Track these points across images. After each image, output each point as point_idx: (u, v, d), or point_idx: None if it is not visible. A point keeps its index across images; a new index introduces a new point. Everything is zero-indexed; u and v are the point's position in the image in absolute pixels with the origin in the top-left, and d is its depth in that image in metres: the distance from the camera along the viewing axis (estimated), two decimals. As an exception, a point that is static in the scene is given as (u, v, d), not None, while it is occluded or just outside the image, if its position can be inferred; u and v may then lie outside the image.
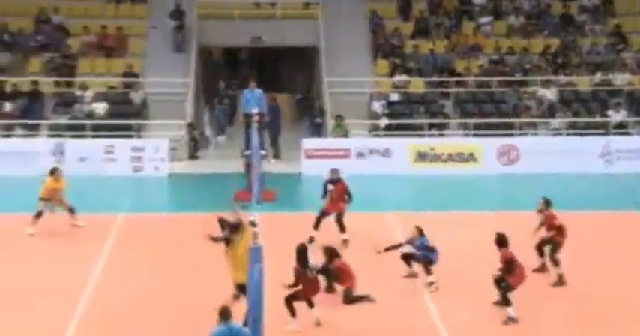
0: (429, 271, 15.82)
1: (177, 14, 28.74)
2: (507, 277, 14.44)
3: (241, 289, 13.33)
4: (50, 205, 18.57)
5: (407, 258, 16.19)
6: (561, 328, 14.37)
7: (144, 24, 29.86)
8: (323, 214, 18.23)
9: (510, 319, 14.29)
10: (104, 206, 20.78)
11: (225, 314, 11.40)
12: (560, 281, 15.98)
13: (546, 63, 28.91)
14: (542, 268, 16.43)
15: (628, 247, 18.31)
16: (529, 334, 14.15)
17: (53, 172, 19.01)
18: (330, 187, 18.26)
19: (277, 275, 14.39)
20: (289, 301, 14.12)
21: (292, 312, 14.06)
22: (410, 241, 16.13)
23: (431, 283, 15.71)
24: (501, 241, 14.62)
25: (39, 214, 18.51)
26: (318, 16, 29.40)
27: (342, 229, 18.19)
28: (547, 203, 16.52)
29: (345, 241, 17.96)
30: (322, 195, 18.28)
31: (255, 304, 12.21)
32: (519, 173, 24.53)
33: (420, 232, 16.13)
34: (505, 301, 14.40)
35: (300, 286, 14.25)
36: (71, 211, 18.73)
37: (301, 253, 14.42)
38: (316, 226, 18.07)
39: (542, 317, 14.69)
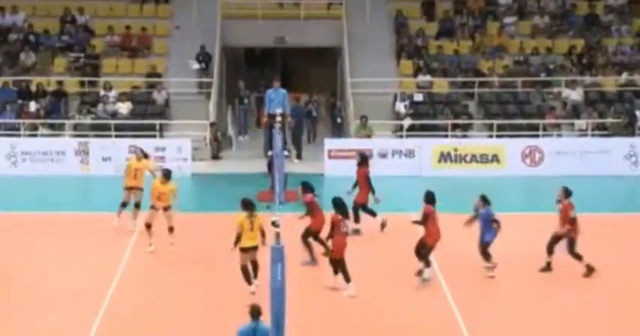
0: (485, 256, 15.80)
1: (203, 56, 28.08)
2: (424, 236, 15.61)
3: None
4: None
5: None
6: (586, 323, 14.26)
7: (168, 24, 29.94)
8: (354, 207, 18.28)
9: (424, 281, 15.34)
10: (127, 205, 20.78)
11: (255, 313, 11.38)
12: (590, 270, 15.98)
13: (571, 63, 28.70)
14: (547, 268, 16.32)
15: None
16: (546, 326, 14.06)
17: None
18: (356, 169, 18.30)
19: (299, 275, 14.41)
20: (342, 263, 15.06)
21: (347, 278, 15.07)
22: (475, 209, 16.12)
23: (489, 268, 15.87)
24: (429, 197, 16.03)
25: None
26: (341, 16, 29.36)
27: (357, 219, 18.32)
28: (566, 192, 16.21)
29: (357, 231, 18.18)
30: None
31: (278, 304, 12.20)
32: (543, 175, 24.34)
33: (485, 200, 15.93)
34: (426, 263, 15.51)
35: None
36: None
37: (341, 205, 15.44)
38: (356, 219, 18.36)
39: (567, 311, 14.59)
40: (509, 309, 14.93)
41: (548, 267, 16.35)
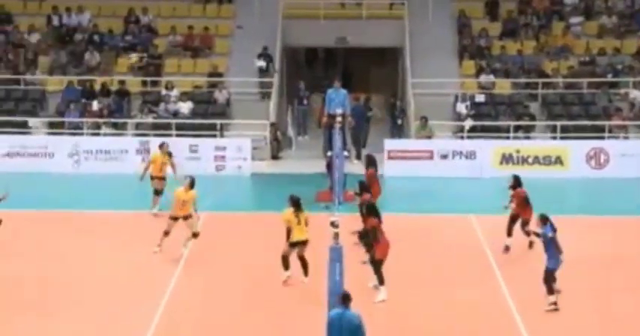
0: (549, 288, 14.39)
1: (264, 57, 27.95)
2: (374, 247, 14.96)
3: None
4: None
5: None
6: None
7: (230, 24, 30.08)
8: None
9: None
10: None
11: (344, 300, 11.34)
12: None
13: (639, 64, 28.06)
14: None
15: None
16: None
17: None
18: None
19: (356, 275, 14.28)
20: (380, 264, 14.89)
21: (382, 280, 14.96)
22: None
23: (551, 303, 14.39)
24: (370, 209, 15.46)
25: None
26: (403, 16, 29.14)
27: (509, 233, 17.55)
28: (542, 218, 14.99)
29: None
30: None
31: (336, 303, 12.08)
32: (608, 177, 23.83)
33: (543, 219, 14.57)
34: (380, 280, 14.88)
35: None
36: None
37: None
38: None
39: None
40: (569, 313, 14.57)
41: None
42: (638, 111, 26.42)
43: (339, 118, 21.87)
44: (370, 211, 15.52)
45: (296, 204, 15.48)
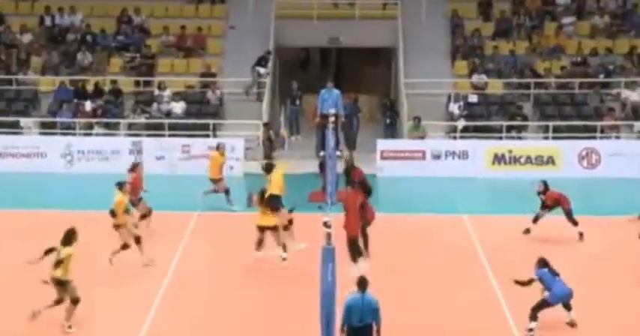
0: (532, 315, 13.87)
1: (265, 62, 27.77)
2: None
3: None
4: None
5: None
6: None
7: (223, 24, 30.07)
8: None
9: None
10: (181, 204, 20.90)
11: (362, 284, 12.10)
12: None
13: (632, 64, 28.13)
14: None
15: None
16: None
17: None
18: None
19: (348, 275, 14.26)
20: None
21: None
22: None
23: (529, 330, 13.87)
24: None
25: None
26: (396, 16, 29.17)
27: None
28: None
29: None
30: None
31: (328, 305, 12.11)
32: (600, 177, 23.89)
33: (540, 263, 14.04)
34: (353, 257, 15.46)
35: None
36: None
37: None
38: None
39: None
40: (559, 311, 14.62)
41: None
42: (629, 111, 26.49)
43: (331, 118, 21.86)
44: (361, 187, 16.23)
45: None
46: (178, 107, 26.85)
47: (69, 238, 13.91)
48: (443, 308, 14.83)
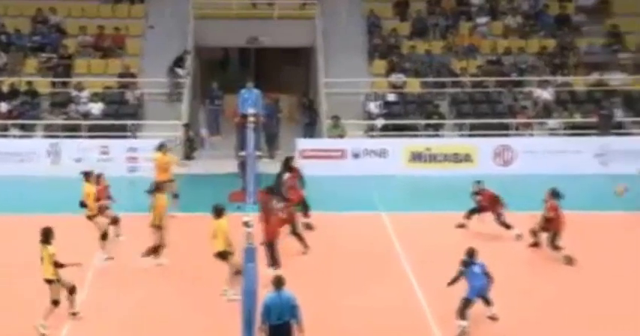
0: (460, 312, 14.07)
1: (181, 63, 27.70)
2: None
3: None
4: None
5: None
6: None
7: (141, 24, 29.86)
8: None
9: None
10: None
11: (278, 283, 12.42)
12: (569, 260, 17.21)
13: (543, 63, 28.90)
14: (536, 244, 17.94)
15: (622, 246, 18.38)
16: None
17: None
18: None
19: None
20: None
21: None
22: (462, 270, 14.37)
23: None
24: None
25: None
26: (315, 16, 29.39)
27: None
28: (553, 194, 17.63)
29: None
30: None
31: (250, 304, 12.24)
32: (515, 174, 24.51)
33: (468, 255, 14.40)
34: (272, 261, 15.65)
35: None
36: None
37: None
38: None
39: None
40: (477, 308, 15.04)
41: (537, 244, 18.01)
42: (541, 109, 27.23)
43: (251, 118, 21.97)
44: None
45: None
46: (96, 108, 26.58)
47: (47, 236, 14.19)
48: (362, 307, 15.04)
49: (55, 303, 14.04)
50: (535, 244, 17.97)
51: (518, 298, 15.47)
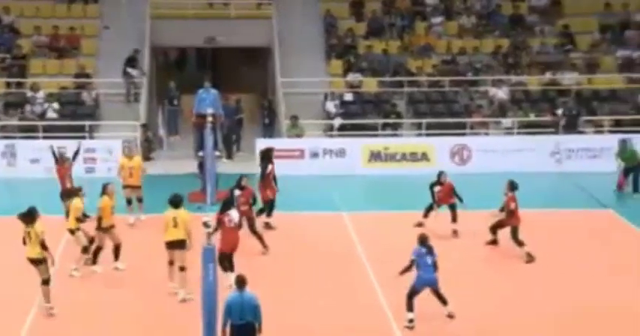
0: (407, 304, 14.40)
1: (135, 62, 27.63)
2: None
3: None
4: None
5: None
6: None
7: (96, 24, 29.65)
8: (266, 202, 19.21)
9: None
10: (57, 208, 20.55)
11: (240, 283, 12.37)
12: (530, 257, 17.38)
13: (497, 63, 29.26)
14: (494, 242, 18.19)
15: (576, 243, 18.73)
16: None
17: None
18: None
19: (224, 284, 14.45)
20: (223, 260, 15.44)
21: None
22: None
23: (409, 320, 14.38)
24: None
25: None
26: (271, 16, 29.44)
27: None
28: (511, 186, 17.90)
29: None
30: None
31: (209, 305, 12.29)
32: (471, 172, 24.75)
33: (419, 240, 14.71)
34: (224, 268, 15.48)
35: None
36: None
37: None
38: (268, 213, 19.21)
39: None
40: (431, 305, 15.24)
41: (494, 242, 18.27)
42: (497, 108, 27.57)
43: (209, 118, 21.96)
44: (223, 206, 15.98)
45: (172, 203, 15.56)
46: (52, 109, 26.35)
47: (32, 216, 14.65)
48: (323, 308, 15.13)
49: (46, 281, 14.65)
50: (493, 242, 18.22)
51: (475, 295, 15.69)
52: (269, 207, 19.41)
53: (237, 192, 18.12)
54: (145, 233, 18.55)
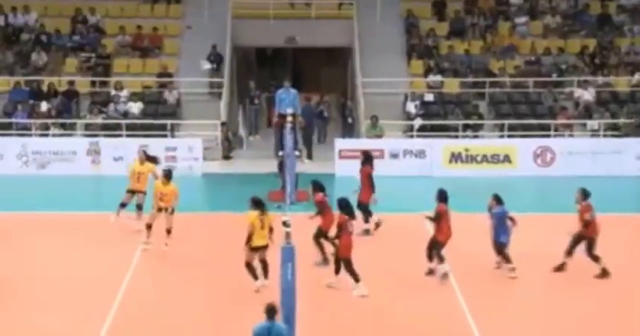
0: (504, 257, 15.91)
1: (214, 57, 27.95)
2: (436, 234, 16.06)
3: None
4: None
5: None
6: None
7: (179, 24, 29.99)
8: (360, 207, 18.61)
9: (444, 276, 15.79)
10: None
11: (270, 312, 11.24)
12: (604, 273, 16.06)
13: (583, 63, 28.62)
14: (562, 268, 16.37)
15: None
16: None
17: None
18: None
19: (308, 274, 14.40)
20: (349, 263, 15.07)
21: (356, 277, 15.15)
22: (489, 209, 16.32)
23: (511, 269, 15.93)
24: (442, 196, 16.40)
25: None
26: (352, 16, 29.34)
27: (366, 219, 18.80)
28: (584, 194, 16.36)
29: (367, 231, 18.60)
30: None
31: (288, 303, 12.21)
32: (555, 175, 24.27)
33: (498, 200, 16.15)
34: (439, 259, 15.71)
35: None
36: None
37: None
38: (365, 219, 18.86)
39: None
40: (520, 309, 14.90)
41: (562, 267, 16.39)
42: (582, 109, 26.95)
43: (289, 118, 21.98)
44: (342, 209, 15.52)
45: (258, 205, 15.28)
46: (135, 107, 26.76)
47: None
48: (401, 309, 14.90)
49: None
50: (561, 267, 16.50)
51: (548, 318, 15.25)
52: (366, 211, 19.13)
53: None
54: (220, 230, 18.59)
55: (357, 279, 15.24)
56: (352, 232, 15.52)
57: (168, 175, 17.25)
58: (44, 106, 26.46)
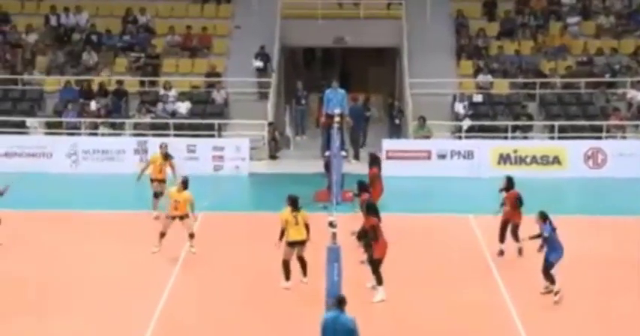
0: (549, 279, 14.97)
1: (262, 56, 27.96)
2: (373, 247, 15.04)
3: None
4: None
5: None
6: None
7: (228, 24, 30.09)
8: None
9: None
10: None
11: (340, 303, 11.35)
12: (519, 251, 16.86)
13: (637, 64, 28.09)
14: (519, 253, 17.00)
15: None
16: None
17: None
18: (504, 194, 17.60)
19: (353, 274, 14.30)
20: (379, 266, 14.98)
21: (380, 280, 15.02)
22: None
23: (555, 293, 14.89)
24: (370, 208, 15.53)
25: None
26: (401, 16, 29.16)
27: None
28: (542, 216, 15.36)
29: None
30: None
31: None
32: (606, 177, 23.86)
33: (544, 218, 15.11)
34: (378, 280, 14.96)
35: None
36: None
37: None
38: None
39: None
40: (567, 312, 14.64)
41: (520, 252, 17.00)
42: (635, 111, 26.46)
43: (337, 118, 21.90)
44: (369, 211, 15.53)
45: (293, 203, 15.41)
46: (183, 107, 26.89)
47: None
48: (449, 308, 14.83)
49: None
50: None
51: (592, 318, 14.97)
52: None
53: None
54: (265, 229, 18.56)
55: (380, 282, 15.08)
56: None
57: (184, 183, 17.23)
58: (94, 105, 26.71)
